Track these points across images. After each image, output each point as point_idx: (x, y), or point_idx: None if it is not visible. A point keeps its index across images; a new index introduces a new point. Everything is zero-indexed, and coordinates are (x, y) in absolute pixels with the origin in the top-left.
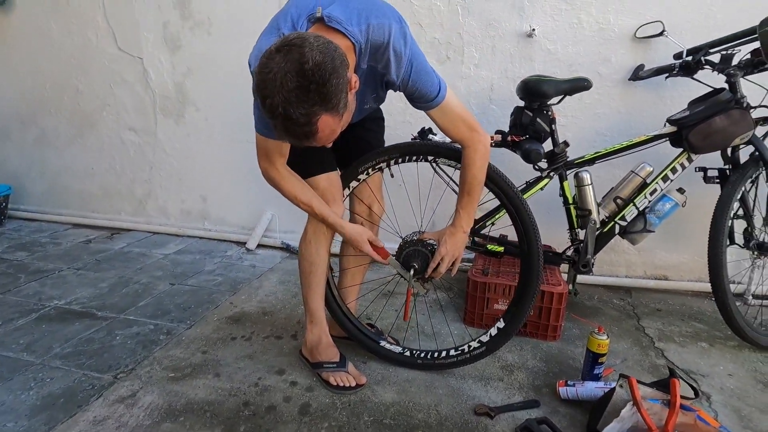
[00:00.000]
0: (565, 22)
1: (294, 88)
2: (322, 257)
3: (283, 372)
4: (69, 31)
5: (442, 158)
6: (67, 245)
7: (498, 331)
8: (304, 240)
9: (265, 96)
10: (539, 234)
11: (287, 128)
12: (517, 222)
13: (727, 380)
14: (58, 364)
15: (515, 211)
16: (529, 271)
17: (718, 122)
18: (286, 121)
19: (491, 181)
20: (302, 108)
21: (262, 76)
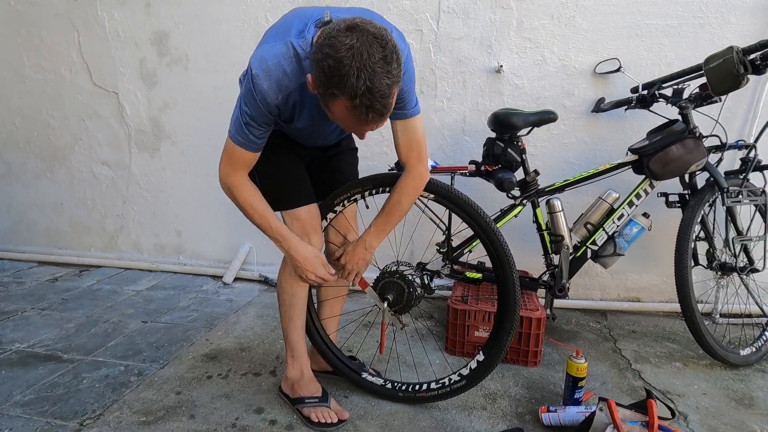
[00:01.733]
0: (530, 59)
1: (379, 59)
2: (303, 289)
3: (261, 410)
4: (42, 66)
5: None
6: (32, 284)
7: (478, 364)
8: (283, 271)
9: (344, 74)
10: (514, 262)
11: (370, 100)
12: (492, 252)
13: (702, 399)
14: (18, 412)
15: (489, 240)
16: (506, 300)
17: (674, 151)
18: (368, 94)
19: (464, 211)
20: (387, 79)
21: (339, 54)
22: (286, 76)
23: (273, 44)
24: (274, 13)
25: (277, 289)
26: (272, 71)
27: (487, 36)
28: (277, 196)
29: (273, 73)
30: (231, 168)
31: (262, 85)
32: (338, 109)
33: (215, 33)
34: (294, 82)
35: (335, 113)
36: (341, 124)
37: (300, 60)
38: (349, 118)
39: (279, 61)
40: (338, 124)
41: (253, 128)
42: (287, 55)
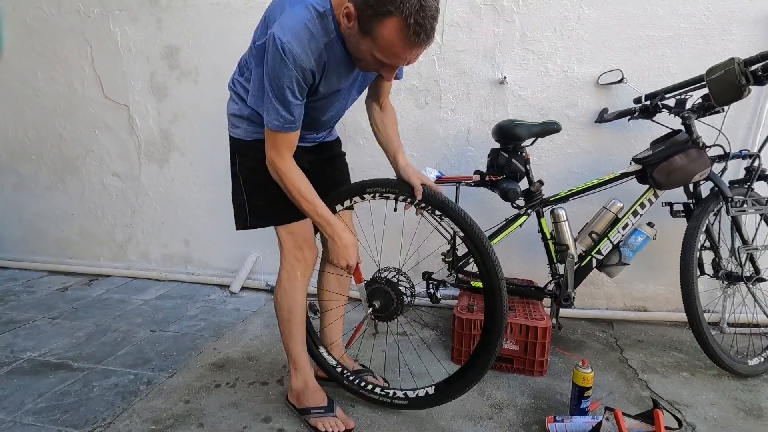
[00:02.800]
0: (534, 71)
1: None
2: (300, 303)
3: (269, 420)
4: (55, 80)
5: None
6: (42, 293)
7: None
8: (279, 288)
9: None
10: (502, 274)
11: (423, 18)
12: (478, 261)
13: (710, 410)
14: (30, 420)
15: (476, 249)
16: (493, 313)
17: (678, 161)
18: (422, 12)
19: (452, 220)
20: (435, 1)
21: None
22: (314, 38)
23: (293, 10)
24: None
25: (274, 305)
26: (301, 36)
27: (491, 48)
28: (270, 212)
29: (302, 37)
30: (276, 153)
31: (295, 50)
32: (387, 31)
33: (224, 46)
34: (321, 42)
35: (382, 38)
36: (383, 53)
37: (322, 17)
38: (397, 43)
39: (305, 24)
40: (377, 57)
41: (290, 103)
42: (310, 17)
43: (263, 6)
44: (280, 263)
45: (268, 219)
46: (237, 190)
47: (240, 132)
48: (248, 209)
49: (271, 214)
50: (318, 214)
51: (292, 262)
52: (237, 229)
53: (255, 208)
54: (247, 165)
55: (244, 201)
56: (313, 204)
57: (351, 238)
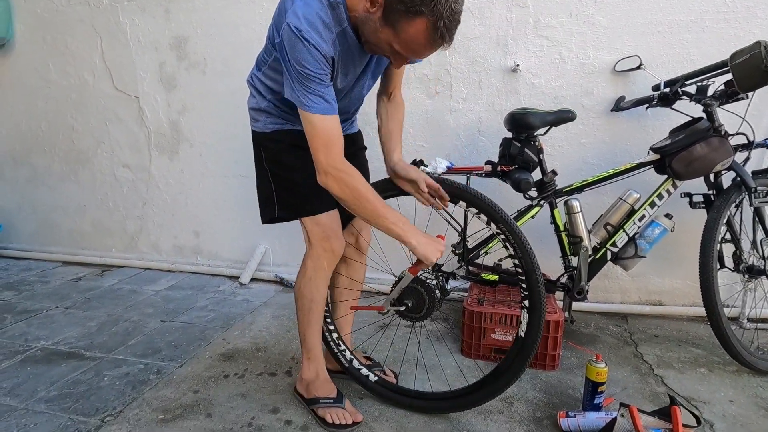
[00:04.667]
0: (548, 58)
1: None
2: (322, 294)
3: (277, 410)
4: (66, 72)
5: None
6: (56, 283)
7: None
8: (303, 276)
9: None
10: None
11: (450, 23)
12: (519, 257)
13: (728, 407)
14: (42, 408)
15: (516, 243)
16: (534, 304)
17: (698, 150)
18: (451, 17)
19: (487, 213)
20: (462, 6)
21: None
22: (327, 27)
23: (305, 1)
24: None
25: (295, 293)
26: (316, 24)
27: (503, 35)
28: (298, 201)
29: (317, 25)
30: (327, 152)
31: (313, 37)
32: (414, 29)
33: (233, 37)
34: (334, 31)
35: (407, 34)
36: (403, 47)
37: (333, 7)
38: (421, 41)
39: (317, 13)
40: (395, 49)
41: (320, 88)
42: (322, 7)
43: None
44: (306, 253)
45: (297, 211)
46: (264, 183)
47: (260, 125)
48: (276, 201)
49: (299, 205)
50: (386, 216)
51: (320, 253)
52: (263, 223)
53: (283, 200)
54: (272, 157)
55: (272, 193)
56: (374, 205)
57: (428, 236)
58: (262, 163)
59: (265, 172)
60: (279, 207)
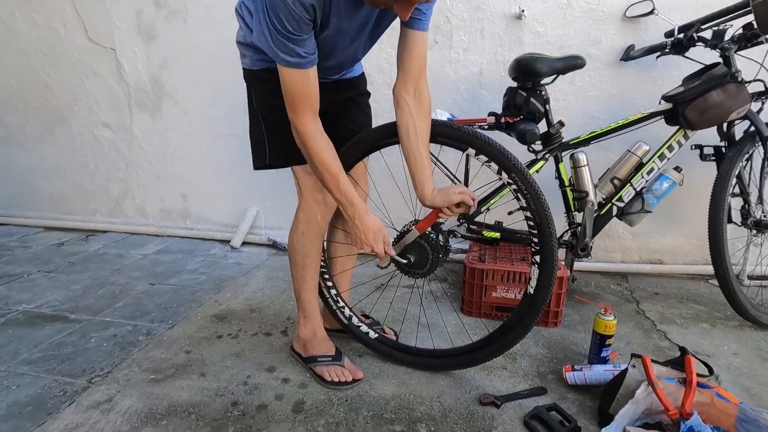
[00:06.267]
0: (555, 3)
1: None
2: (316, 249)
3: (273, 369)
4: (34, 21)
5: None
6: (38, 248)
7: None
8: (295, 231)
9: None
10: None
11: None
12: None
13: (733, 359)
14: (25, 370)
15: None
16: (546, 261)
17: (714, 97)
18: None
19: (497, 162)
20: None
21: None
22: None
23: None
24: None
25: (288, 249)
26: None
27: None
28: (288, 149)
29: None
30: (294, 110)
31: None
32: None
33: None
34: None
35: None
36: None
37: None
38: None
39: None
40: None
41: (294, 39)
42: None
43: None
44: (298, 205)
45: (288, 158)
46: (255, 125)
47: (247, 61)
48: (267, 147)
49: (290, 152)
50: (340, 190)
51: (312, 204)
52: (255, 168)
53: (274, 145)
54: (262, 99)
55: (263, 137)
56: (336, 178)
57: (375, 222)
58: (253, 106)
59: (256, 114)
60: (270, 152)
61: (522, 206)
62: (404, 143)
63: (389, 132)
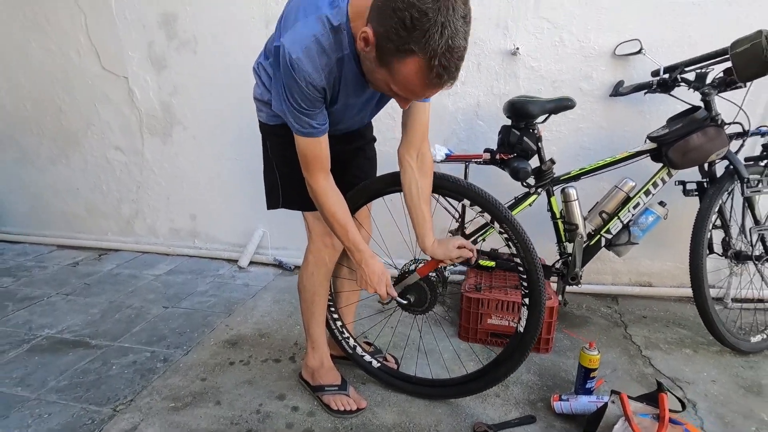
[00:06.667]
0: (548, 41)
1: (461, 17)
2: (324, 287)
3: (283, 397)
4: (49, 49)
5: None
6: (54, 268)
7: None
8: (305, 270)
9: (427, 28)
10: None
11: (448, 61)
12: (519, 250)
13: (711, 387)
14: (54, 398)
15: (518, 240)
16: (534, 291)
17: (695, 139)
18: (448, 54)
19: (486, 209)
20: (464, 41)
21: (425, 5)
22: (325, 53)
23: (305, 21)
24: None
25: (298, 286)
26: (312, 51)
27: (504, 16)
28: (300, 197)
29: (312, 52)
30: (307, 170)
31: (305, 68)
32: (407, 70)
33: (223, 14)
34: (333, 56)
35: (401, 74)
36: (400, 87)
37: (336, 31)
38: (415, 82)
39: (317, 39)
40: (393, 89)
41: (308, 113)
42: (323, 31)
43: None
44: (308, 247)
45: (300, 205)
46: (269, 172)
47: (263, 116)
48: (281, 193)
49: (303, 200)
50: (349, 239)
51: (320, 247)
52: (268, 209)
53: (287, 193)
54: (277, 151)
55: (277, 185)
56: (344, 228)
57: (379, 266)
58: (268, 155)
59: (271, 163)
60: (283, 198)
61: (512, 253)
62: (407, 200)
63: (391, 181)
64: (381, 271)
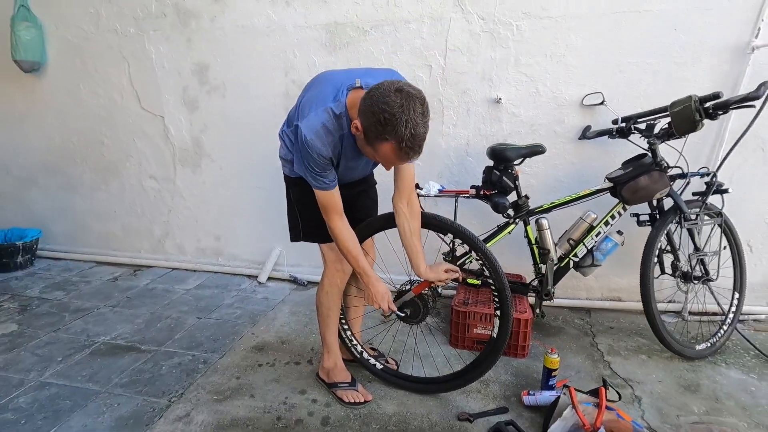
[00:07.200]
0: (526, 91)
1: (420, 114)
2: (337, 303)
3: (305, 392)
4: (96, 93)
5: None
6: (97, 283)
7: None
8: (321, 291)
9: (395, 124)
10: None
11: (412, 143)
12: (490, 272)
13: (656, 386)
14: (120, 391)
15: (489, 265)
16: (504, 307)
17: (642, 181)
18: (412, 140)
19: (468, 244)
20: (424, 128)
21: (393, 110)
22: (330, 134)
23: (316, 112)
24: (301, 49)
25: (316, 303)
26: (321, 133)
27: (488, 71)
28: (317, 231)
29: (322, 134)
30: (326, 214)
31: (317, 145)
32: (385, 149)
33: (248, 64)
34: (336, 135)
35: (381, 152)
36: (382, 159)
37: (337, 118)
38: (392, 157)
39: (324, 124)
40: (378, 160)
41: (321, 174)
42: (329, 118)
43: (284, 29)
44: (323, 271)
45: (317, 237)
46: (292, 213)
47: (287, 170)
48: (302, 230)
49: (319, 235)
50: (359, 266)
51: (333, 272)
52: (292, 241)
53: (307, 230)
54: (298, 197)
55: (298, 223)
56: (356, 258)
57: (383, 287)
58: (291, 200)
59: (293, 207)
60: (303, 234)
61: (486, 275)
62: (402, 237)
63: (389, 219)
64: (384, 291)
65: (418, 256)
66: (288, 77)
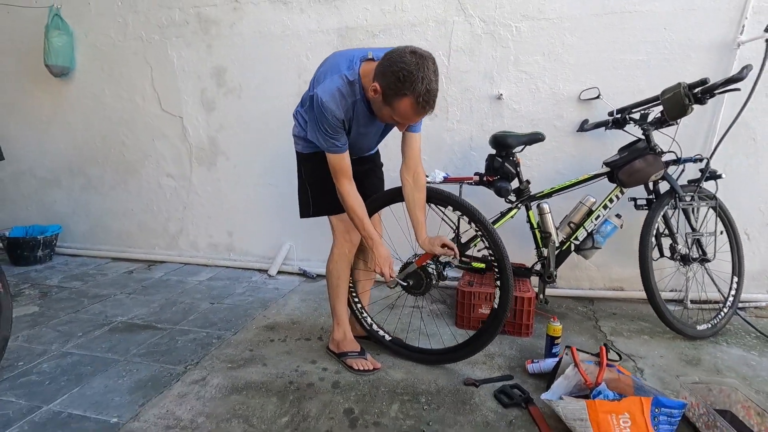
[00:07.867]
0: (526, 88)
1: (432, 72)
2: (346, 273)
3: (315, 362)
4: (120, 96)
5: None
6: (113, 275)
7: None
8: (331, 260)
9: (413, 80)
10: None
11: (428, 98)
12: (494, 250)
13: (658, 360)
14: (138, 360)
15: (491, 241)
16: (504, 284)
17: (637, 164)
18: (427, 95)
19: (470, 217)
20: (436, 84)
21: (410, 67)
22: (344, 98)
23: (331, 78)
24: (313, 52)
25: (326, 273)
26: (336, 95)
27: (490, 69)
28: (327, 204)
29: (336, 96)
30: (336, 177)
31: (331, 107)
32: (404, 105)
33: (264, 68)
34: (349, 100)
35: (400, 108)
36: (399, 116)
37: (350, 84)
38: (410, 112)
39: (338, 87)
40: (395, 118)
41: (334, 137)
42: (343, 84)
43: (298, 34)
44: (333, 243)
45: (327, 210)
46: (303, 189)
47: (300, 147)
48: (312, 203)
49: (328, 206)
50: (365, 229)
51: (342, 242)
52: (301, 217)
53: (317, 202)
54: (309, 171)
55: (308, 199)
56: (362, 221)
57: (386, 251)
58: (302, 177)
59: (304, 183)
60: (313, 207)
61: (486, 246)
62: (408, 207)
63: (395, 195)
64: (387, 255)
65: (420, 227)
66: (301, 78)
